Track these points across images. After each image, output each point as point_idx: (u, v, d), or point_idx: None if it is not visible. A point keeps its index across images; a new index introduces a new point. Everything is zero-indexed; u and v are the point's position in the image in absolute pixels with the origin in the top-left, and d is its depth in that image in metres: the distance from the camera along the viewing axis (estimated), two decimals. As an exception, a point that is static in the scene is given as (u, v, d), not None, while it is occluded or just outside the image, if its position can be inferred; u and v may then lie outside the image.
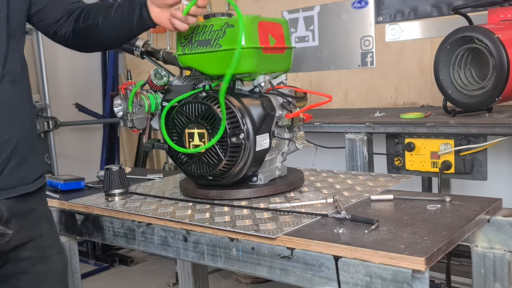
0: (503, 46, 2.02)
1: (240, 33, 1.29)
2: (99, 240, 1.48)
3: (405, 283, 0.92)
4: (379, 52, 3.13)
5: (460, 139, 2.12)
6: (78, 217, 1.51)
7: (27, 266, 1.27)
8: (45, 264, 1.31)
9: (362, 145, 2.29)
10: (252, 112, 1.35)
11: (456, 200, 1.28)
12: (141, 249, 1.37)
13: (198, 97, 1.39)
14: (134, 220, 1.35)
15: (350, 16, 3.23)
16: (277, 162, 1.50)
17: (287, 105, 1.43)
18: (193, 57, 1.40)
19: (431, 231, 1.06)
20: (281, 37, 1.44)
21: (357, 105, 3.26)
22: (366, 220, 1.12)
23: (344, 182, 1.56)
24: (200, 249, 1.22)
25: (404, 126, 2.22)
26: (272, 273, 1.10)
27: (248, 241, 1.13)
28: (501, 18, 2.26)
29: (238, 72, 1.36)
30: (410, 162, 2.26)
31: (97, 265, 3.98)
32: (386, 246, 0.98)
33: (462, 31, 2.14)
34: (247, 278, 3.45)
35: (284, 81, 1.51)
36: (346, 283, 1.00)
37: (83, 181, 1.77)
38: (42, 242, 1.30)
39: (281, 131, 1.45)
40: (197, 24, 1.37)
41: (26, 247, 1.26)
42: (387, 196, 1.33)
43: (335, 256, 1.01)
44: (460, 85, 2.22)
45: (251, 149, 1.34)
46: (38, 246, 1.29)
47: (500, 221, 1.19)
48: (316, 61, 3.42)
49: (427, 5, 2.92)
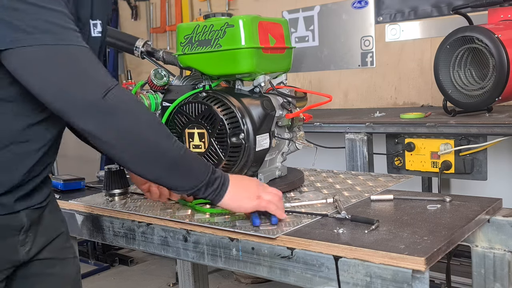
0: (503, 46, 2.02)
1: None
2: (99, 240, 1.48)
3: (405, 283, 0.92)
4: (379, 52, 3.13)
5: (460, 139, 2.11)
6: (78, 217, 1.51)
7: (44, 268, 1.26)
8: (61, 267, 1.30)
9: (362, 145, 2.29)
10: (252, 112, 1.35)
11: (456, 200, 1.28)
12: (141, 249, 1.37)
13: (198, 97, 1.39)
14: (134, 220, 1.35)
15: (350, 16, 3.23)
16: (277, 162, 1.50)
17: (287, 105, 1.43)
18: (193, 57, 1.40)
19: (431, 231, 1.06)
20: (281, 37, 1.44)
21: (357, 105, 3.26)
22: (366, 220, 1.12)
23: (344, 182, 1.56)
24: (200, 249, 1.22)
25: (404, 126, 2.22)
26: (272, 273, 1.10)
27: (248, 241, 1.13)
28: (501, 18, 2.26)
29: (238, 72, 1.37)
30: (410, 162, 2.26)
31: (97, 265, 3.98)
32: (386, 246, 0.98)
33: (462, 31, 2.14)
34: (247, 278, 3.45)
35: (284, 81, 1.51)
36: (346, 283, 1.00)
37: (83, 181, 1.77)
38: (59, 243, 1.30)
39: (281, 131, 1.45)
40: (197, 24, 1.37)
41: (44, 250, 1.25)
42: (387, 196, 1.33)
43: (335, 256, 1.01)
44: (460, 85, 2.22)
45: (251, 149, 1.34)
46: (55, 248, 1.28)
47: (500, 221, 1.19)
48: (316, 61, 3.41)
49: (427, 5, 2.92)
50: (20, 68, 1.00)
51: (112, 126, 1.03)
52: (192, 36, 1.39)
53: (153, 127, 1.08)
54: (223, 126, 1.32)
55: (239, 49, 1.31)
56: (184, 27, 1.40)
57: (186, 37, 1.40)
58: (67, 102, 1.01)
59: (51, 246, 1.26)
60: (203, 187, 1.11)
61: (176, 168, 1.09)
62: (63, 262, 1.30)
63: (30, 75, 1.00)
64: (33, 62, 0.98)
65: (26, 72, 1.00)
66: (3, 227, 1.13)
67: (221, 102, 1.34)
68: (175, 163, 1.09)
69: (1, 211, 1.12)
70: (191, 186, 1.11)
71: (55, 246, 1.27)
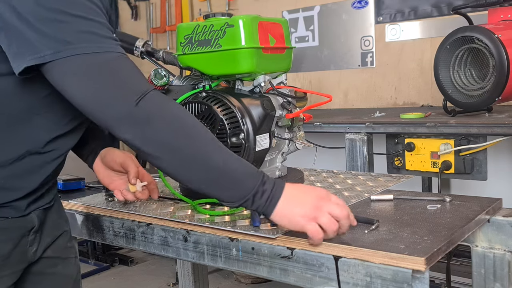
0: (503, 46, 2.03)
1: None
2: (99, 240, 1.48)
3: (405, 283, 0.92)
4: (379, 52, 3.13)
5: (460, 139, 2.12)
6: (78, 217, 1.51)
7: (46, 267, 1.26)
8: (63, 266, 1.30)
9: (362, 145, 2.29)
10: (252, 112, 1.35)
11: (456, 200, 1.28)
12: (141, 249, 1.37)
13: (198, 97, 1.39)
14: (134, 220, 1.35)
15: (350, 16, 3.23)
16: (277, 162, 1.50)
17: (287, 105, 1.43)
18: (193, 57, 1.40)
19: (431, 231, 1.06)
20: (281, 37, 1.44)
21: (357, 105, 3.26)
22: (366, 220, 1.12)
23: (344, 182, 1.56)
24: (200, 249, 1.22)
25: (404, 126, 2.22)
26: (272, 273, 1.10)
27: (248, 241, 1.13)
28: (501, 18, 2.26)
29: (238, 72, 1.37)
30: (410, 162, 2.26)
31: (97, 265, 3.98)
32: (386, 246, 0.98)
33: (462, 31, 2.14)
34: (247, 278, 3.45)
35: (284, 81, 1.51)
36: (346, 283, 1.00)
37: (83, 181, 1.77)
38: (62, 243, 1.30)
39: (281, 131, 1.45)
40: (197, 24, 1.38)
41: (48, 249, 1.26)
42: (387, 196, 1.33)
43: (335, 256, 1.01)
44: (460, 85, 2.22)
45: (251, 149, 1.34)
46: (59, 247, 1.29)
47: (500, 221, 1.19)
48: (316, 61, 3.42)
49: (427, 5, 2.92)
50: (62, 79, 0.98)
51: (149, 134, 0.98)
52: (192, 36, 1.39)
53: (194, 132, 1.02)
54: (223, 126, 1.32)
55: (239, 49, 1.31)
56: (184, 27, 1.40)
57: (186, 37, 1.40)
58: (104, 112, 0.99)
59: (54, 245, 1.27)
60: (249, 199, 1.01)
61: (221, 177, 1.01)
62: (65, 262, 1.31)
63: (70, 86, 0.98)
64: (74, 72, 0.97)
65: (67, 82, 0.98)
66: (17, 229, 1.15)
67: (221, 102, 1.34)
68: (220, 171, 1.01)
69: (15, 214, 1.13)
70: (239, 197, 1.01)
71: (59, 245, 1.28)
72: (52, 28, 0.94)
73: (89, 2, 0.99)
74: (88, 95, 0.98)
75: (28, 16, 0.94)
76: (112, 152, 1.38)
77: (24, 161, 1.10)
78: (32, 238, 1.18)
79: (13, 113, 1.07)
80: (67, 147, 1.19)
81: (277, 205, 1.01)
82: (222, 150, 1.02)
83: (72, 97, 0.99)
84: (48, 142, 1.12)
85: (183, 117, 1.04)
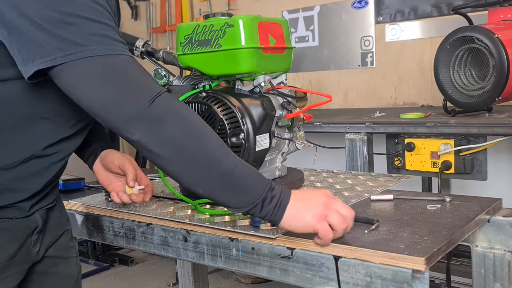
0: (503, 46, 2.03)
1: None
2: (99, 240, 1.48)
3: (405, 283, 0.92)
4: (379, 52, 3.13)
5: (460, 139, 2.12)
6: (78, 217, 1.51)
7: (48, 267, 1.26)
8: (64, 266, 1.31)
9: (362, 145, 2.29)
10: (252, 112, 1.35)
11: (456, 200, 1.28)
12: (141, 249, 1.37)
13: (198, 97, 1.39)
14: (134, 220, 1.35)
15: (350, 16, 3.23)
16: (277, 162, 1.50)
17: (287, 105, 1.43)
18: (193, 57, 1.40)
19: (431, 231, 1.06)
20: (281, 37, 1.44)
21: (357, 105, 3.26)
22: (366, 220, 1.12)
23: (344, 182, 1.56)
24: (200, 249, 1.22)
25: (404, 126, 2.22)
26: (272, 273, 1.10)
27: (248, 241, 1.13)
28: (501, 18, 2.26)
29: (238, 72, 1.37)
30: (410, 162, 2.26)
31: (97, 265, 3.98)
32: (386, 246, 0.98)
33: (462, 31, 2.14)
34: (247, 278, 3.45)
35: (284, 81, 1.51)
36: (346, 283, 1.00)
37: (83, 181, 1.77)
38: (64, 242, 1.31)
39: (281, 131, 1.45)
40: (197, 24, 1.38)
41: (50, 248, 1.26)
42: (387, 196, 1.33)
43: (335, 256, 1.01)
44: (460, 85, 2.22)
45: (251, 149, 1.34)
46: (60, 247, 1.29)
47: (500, 221, 1.19)
48: (316, 61, 3.42)
49: (427, 5, 2.92)
50: (71, 81, 0.97)
51: (160, 134, 0.98)
52: (192, 36, 1.39)
53: (205, 135, 1.02)
54: (223, 126, 1.32)
55: (239, 49, 1.31)
56: (184, 27, 1.40)
57: (186, 37, 1.40)
58: (113, 113, 0.98)
59: (56, 244, 1.27)
60: (258, 205, 1.01)
61: (230, 181, 1.01)
62: (66, 261, 1.31)
63: (80, 88, 0.98)
64: (85, 74, 0.97)
65: (77, 85, 0.98)
66: (21, 229, 1.15)
67: (221, 102, 1.34)
68: (229, 176, 1.00)
69: (20, 215, 1.14)
70: (247, 202, 1.01)
71: (60, 245, 1.29)
72: (62, 31, 0.94)
73: (97, 4, 0.98)
74: (99, 97, 0.98)
75: (38, 19, 0.93)
76: (112, 154, 1.38)
77: (29, 163, 1.11)
78: (36, 238, 1.19)
79: (21, 117, 1.07)
80: (71, 149, 1.20)
81: (286, 210, 1.02)
82: (231, 155, 1.02)
83: (81, 99, 0.99)
84: (53, 145, 1.13)
85: (194, 119, 1.04)
